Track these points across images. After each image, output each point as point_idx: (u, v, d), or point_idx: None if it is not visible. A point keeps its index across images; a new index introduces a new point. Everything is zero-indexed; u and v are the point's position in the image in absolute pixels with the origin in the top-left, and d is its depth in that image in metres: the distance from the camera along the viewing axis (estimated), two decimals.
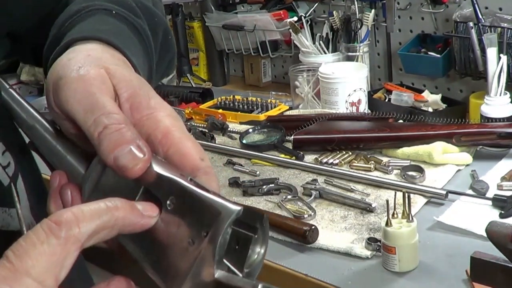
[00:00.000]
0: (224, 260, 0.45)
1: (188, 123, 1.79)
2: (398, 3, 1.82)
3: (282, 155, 1.52)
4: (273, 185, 1.36)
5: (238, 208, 0.45)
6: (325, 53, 1.87)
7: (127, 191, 0.48)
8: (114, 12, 0.61)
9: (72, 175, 0.53)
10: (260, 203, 1.32)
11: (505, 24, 1.55)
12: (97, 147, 0.48)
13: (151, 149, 0.49)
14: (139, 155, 0.47)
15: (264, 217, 0.46)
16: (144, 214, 0.46)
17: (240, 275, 0.46)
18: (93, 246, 0.45)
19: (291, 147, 1.54)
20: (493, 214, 1.18)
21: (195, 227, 0.45)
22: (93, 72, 0.51)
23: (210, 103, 1.91)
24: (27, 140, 0.60)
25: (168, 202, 0.47)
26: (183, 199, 0.47)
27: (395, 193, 1.08)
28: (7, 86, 0.59)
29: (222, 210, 0.45)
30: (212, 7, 2.17)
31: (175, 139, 0.51)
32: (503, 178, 1.30)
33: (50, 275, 0.40)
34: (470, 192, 1.28)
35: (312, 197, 1.31)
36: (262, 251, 0.47)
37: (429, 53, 1.76)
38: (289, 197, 1.32)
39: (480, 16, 1.56)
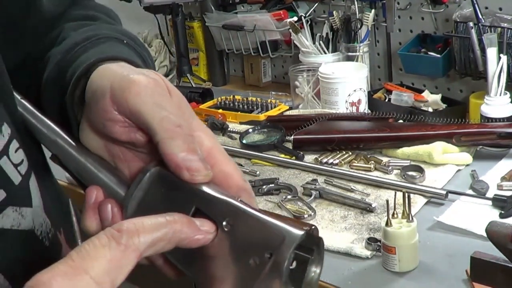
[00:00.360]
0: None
1: None
2: (398, 3, 1.82)
3: (282, 155, 1.52)
4: (273, 185, 1.36)
5: (301, 233, 0.47)
6: (325, 53, 1.87)
7: (176, 211, 0.49)
8: (125, 41, 0.63)
9: (107, 192, 0.54)
10: (260, 203, 1.32)
11: (505, 24, 1.55)
12: (166, 142, 0.50)
13: None
14: (206, 167, 0.50)
15: (321, 240, 0.49)
16: (201, 229, 0.48)
17: None
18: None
19: (291, 147, 1.54)
20: (493, 214, 1.18)
21: (256, 248, 0.47)
22: (158, 78, 0.53)
23: (210, 103, 1.91)
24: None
25: (224, 223, 0.49)
26: (241, 221, 0.49)
27: (395, 193, 1.08)
28: (19, 97, 0.59)
29: (286, 234, 0.47)
30: (212, 7, 2.17)
31: (218, 159, 0.53)
32: (503, 178, 1.30)
33: (107, 279, 0.42)
34: (470, 192, 1.28)
35: (312, 197, 1.31)
36: (318, 270, 0.50)
37: (429, 53, 1.76)
38: (289, 197, 1.32)
39: (480, 16, 1.56)
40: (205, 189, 0.51)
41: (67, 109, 0.58)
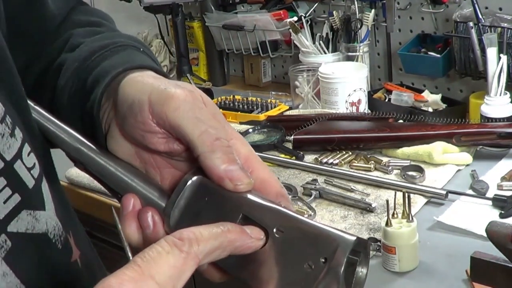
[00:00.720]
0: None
1: None
2: (398, 3, 1.82)
3: (282, 155, 1.52)
4: None
5: (354, 238, 0.50)
6: (325, 53, 1.87)
7: (223, 219, 0.51)
8: (141, 50, 0.64)
9: (144, 200, 0.55)
10: None
11: (505, 24, 1.55)
12: (207, 156, 0.52)
13: None
14: (247, 176, 0.53)
15: (367, 242, 0.53)
16: (252, 236, 0.51)
17: None
18: None
19: (291, 147, 1.54)
20: (493, 214, 1.18)
21: (310, 253, 0.50)
22: (195, 90, 0.55)
23: None
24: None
25: (275, 230, 0.51)
26: (292, 227, 0.51)
27: (395, 193, 1.08)
28: (33, 104, 0.59)
29: (339, 240, 0.50)
30: (212, 7, 2.17)
31: (255, 166, 0.55)
32: (503, 178, 1.30)
33: (170, 284, 0.44)
34: (470, 192, 1.28)
35: (312, 197, 1.31)
36: (365, 271, 0.53)
37: (429, 53, 1.76)
38: (289, 197, 1.32)
39: (480, 16, 1.56)
40: (250, 196, 0.53)
41: (90, 116, 0.59)
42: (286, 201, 0.55)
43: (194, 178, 0.54)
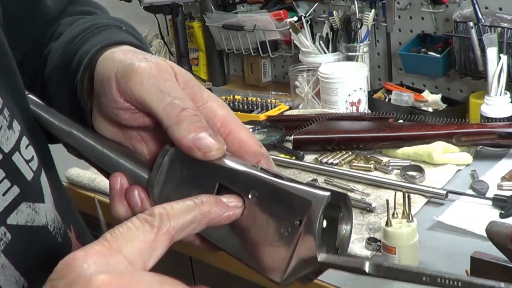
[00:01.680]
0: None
1: None
2: (398, 3, 1.82)
3: (282, 155, 1.52)
4: None
5: (327, 194, 0.48)
6: (325, 53, 1.87)
7: (201, 189, 0.50)
8: (123, 28, 0.64)
9: (131, 177, 0.55)
10: None
11: (505, 24, 1.55)
12: (174, 128, 0.51)
13: None
14: (218, 141, 0.51)
15: (347, 196, 0.50)
16: (229, 206, 0.49)
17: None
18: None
19: (291, 147, 1.54)
20: (493, 214, 1.18)
21: (285, 216, 0.48)
22: (162, 62, 0.54)
23: None
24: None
25: (250, 195, 0.50)
26: (266, 191, 0.49)
27: (395, 193, 1.08)
28: (27, 92, 0.60)
29: (311, 198, 0.47)
30: (212, 7, 2.17)
31: (233, 128, 0.54)
32: (503, 178, 1.30)
33: (140, 259, 0.43)
34: (470, 192, 1.28)
35: None
36: (349, 227, 0.51)
37: (429, 53, 1.76)
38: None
39: (480, 16, 1.56)
40: (226, 162, 0.51)
41: (77, 99, 0.59)
42: (266, 160, 0.54)
43: (171, 150, 0.54)
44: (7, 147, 0.52)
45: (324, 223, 0.49)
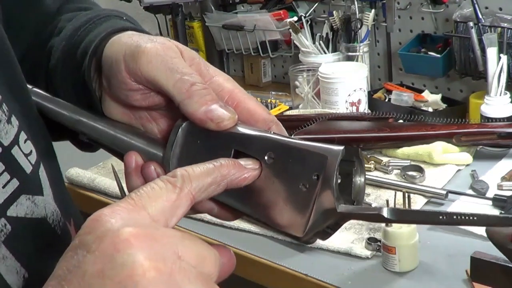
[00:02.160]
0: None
1: None
2: (398, 3, 1.82)
3: None
4: None
5: (341, 148, 0.51)
6: (325, 53, 1.87)
7: (217, 157, 0.52)
8: (124, 18, 0.66)
9: (145, 155, 0.57)
10: None
11: (505, 24, 1.55)
12: (185, 102, 0.53)
13: None
14: (229, 111, 0.53)
15: (359, 150, 0.54)
16: (246, 167, 0.51)
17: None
18: None
19: None
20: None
21: (302, 173, 0.50)
22: (167, 41, 0.56)
23: None
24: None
25: (266, 157, 0.52)
26: (281, 152, 0.52)
27: (395, 193, 1.08)
28: (31, 87, 0.61)
29: (327, 153, 0.50)
30: (212, 7, 2.17)
31: (241, 98, 0.57)
32: (503, 178, 1.30)
33: (162, 217, 0.45)
34: (470, 192, 1.28)
35: None
36: (362, 179, 0.53)
37: (429, 53, 1.76)
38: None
39: (480, 16, 1.56)
40: (239, 130, 0.54)
41: (84, 88, 0.60)
42: (277, 126, 0.57)
43: (183, 124, 0.55)
44: (6, 141, 0.53)
45: (339, 179, 0.51)
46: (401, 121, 1.56)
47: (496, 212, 1.19)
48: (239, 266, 0.53)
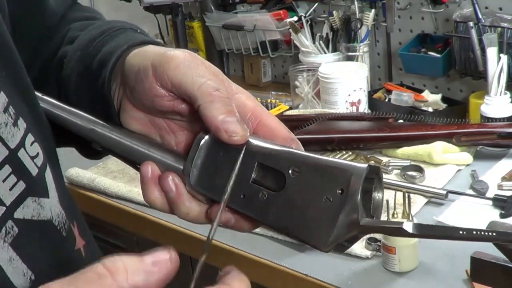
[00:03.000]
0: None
1: None
2: (398, 3, 1.82)
3: None
4: None
5: (365, 166, 0.52)
6: (325, 53, 1.87)
7: (241, 169, 0.54)
8: (138, 31, 0.67)
9: (161, 166, 0.58)
10: None
11: (505, 24, 1.55)
12: (206, 106, 0.54)
13: None
14: (243, 128, 0.54)
15: (379, 169, 0.55)
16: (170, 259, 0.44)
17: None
18: None
19: None
20: (493, 214, 1.18)
21: (326, 187, 0.52)
22: (194, 53, 0.57)
23: None
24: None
25: (290, 171, 0.54)
26: (307, 165, 0.54)
27: (395, 193, 1.08)
28: (41, 94, 0.61)
29: (352, 170, 0.52)
30: (212, 7, 2.17)
31: (263, 116, 0.58)
32: (503, 178, 1.30)
33: None
34: (470, 192, 1.28)
35: None
36: (381, 195, 0.55)
37: (429, 53, 1.76)
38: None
39: (480, 16, 1.56)
40: (263, 144, 0.55)
41: (99, 99, 0.61)
42: (297, 144, 0.58)
43: (207, 136, 0.56)
44: (13, 144, 0.53)
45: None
46: (401, 121, 1.56)
47: (496, 212, 1.19)
48: (239, 266, 0.53)
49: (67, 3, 0.75)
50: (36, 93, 0.61)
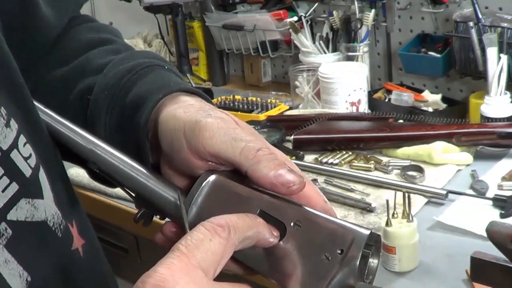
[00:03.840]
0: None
1: None
2: (398, 3, 1.82)
3: None
4: None
5: (368, 232, 0.54)
6: (325, 53, 1.87)
7: (241, 212, 0.53)
8: (166, 67, 0.67)
9: (158, 200, 0.58)
10: None
11: (505, 24, 1.55)
12: (253, 168, 0.54)
13: None
14: (297, 175, 0.54)
15: (379, 236, 0.57)
16: (273, 233, 0.53)
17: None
18: None
19: (291, 147, 1.54)
20: (493, 214, 1.18)
21: (327, 245, 0.52)
22: (224, 116, 0.57)
23: None
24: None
25: (292, 224, 0.53)
26: (309, 221, 0.53)
27: (395, 193, 1.08)
28: (42, 106, 0.61)
29: (354, 234, 0.53)
30: (212, 7, 2.17)
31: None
32: (503, 178, 1.30)
33: (212, 270, 0.47)
34: (470, 192, 1.28)
35: None
36: (376, 261, 0.57)
37: (429, 53, 1.76)
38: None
39: (480, 16, 1.57)
40: (270, 192, 0.55)
41: (137, 146, 0.62)
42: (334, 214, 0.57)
43: (212, 176, 0.56)
44: (5, 145, 0.53)
45: None
46: (401, 121, 1.56)
47: (496, 212, 1.19)
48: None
49: (67, 14, 0.74)
50: (38, 104, 0.60)
